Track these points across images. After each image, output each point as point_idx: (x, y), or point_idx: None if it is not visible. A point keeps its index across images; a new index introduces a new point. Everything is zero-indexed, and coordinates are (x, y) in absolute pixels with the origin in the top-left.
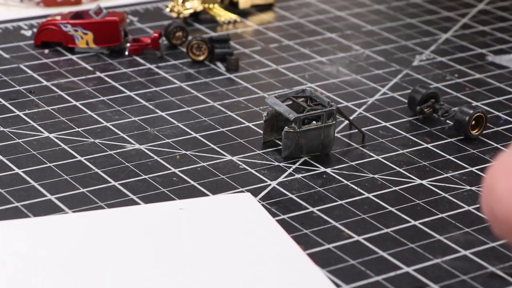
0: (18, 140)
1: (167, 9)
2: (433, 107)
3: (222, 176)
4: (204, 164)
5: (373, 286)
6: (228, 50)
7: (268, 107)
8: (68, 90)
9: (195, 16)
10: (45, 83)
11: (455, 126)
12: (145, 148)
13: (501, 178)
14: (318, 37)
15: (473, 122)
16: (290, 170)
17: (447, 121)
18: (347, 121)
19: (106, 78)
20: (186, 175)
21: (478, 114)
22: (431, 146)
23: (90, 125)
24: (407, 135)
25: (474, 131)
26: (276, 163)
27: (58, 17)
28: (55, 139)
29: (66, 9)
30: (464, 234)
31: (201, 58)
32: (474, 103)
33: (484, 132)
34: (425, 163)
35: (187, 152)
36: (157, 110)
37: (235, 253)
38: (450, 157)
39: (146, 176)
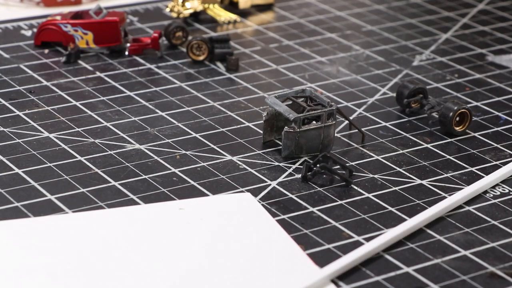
0: (18, 140)
1: (167, 9)
2: (420, 102)
3: (222, 176)
4: (204, 164)
5: (373, 286)
6: (228, 50)
7: (268, 107)
8: (68, 90)
9: (195, 16)
10: (45, 83)
11: (440, 121)
12: (145, 148)
13: None
14: (318, 37)
15: (457, 118)
16: (290, 170)
17: (434, 115)
18: (347, 121)
19: (106, 78)
20: (186, 175)
21: (462, 110)
22: (431, 146)
23: (90, 125)
24: (407, 135)
25: (458, 128)
26: (276, 163)
27: (58, 17)
28: (55, 139)
29: (66, 9)
30: (464, 234)
31: (201, 58)
32: (474, 103)
33: (484, 132)
34: (425, 163)
35: (187, 152)
36: (157, 110)
37: (235, 253)
38: (450, 157)
39: (146, 176)
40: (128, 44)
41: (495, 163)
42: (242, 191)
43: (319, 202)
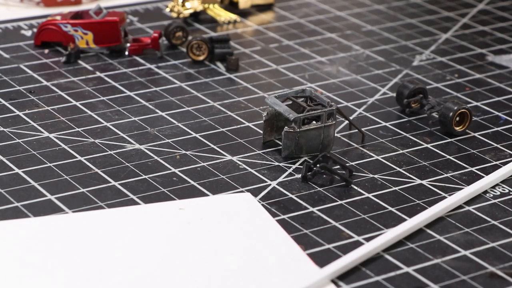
0: (18, 140)
1: (167, 9)
2: (420, 102)
3: (222, 176)
4: (204, 164)
5: (373, 286)
6: (228, 50)
7: (268, 107)
8: (68, 90)
9: (195, 16)
10: (45, 83)
11: (439, 121)
12: (145, 148)
13: None
14: (318, 37)
15: (458, 118)
16: (290, 170)
17: (434, 115)
18: (347, 121)
19: (106, 78)
20: (186, 175)
21: (462, 110)
22: (431, 146)
23: (90, 125)
24: (407, 135)
25: (458, 128)
26: (276, 163)
27: (58, 17)
28: (55, 139)
29: (66, 9)
30: (464, 234)
31: (201, 58)
32: (474, 103)
33: (484, 132)
34: (425, 163)
35: (187, 152)
36: (157, 110)
37: (235, 253)
38: (450, 157)
39: (146, 176)
40: (128, 44)
41: (495, 163)
42: (242, 191)
43: (319, 202)
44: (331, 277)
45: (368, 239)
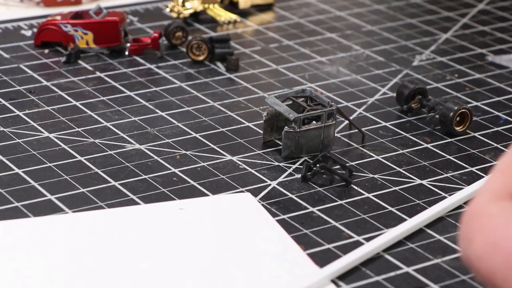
0: (18, 140)
1: (167, 9)
2: (420, 103)
3: (222, 176)
4: (204, 164)
5: (373, 286)
6: (228, 50)
7: (268, 107)
8: (68, 90)
9: (195, 16)
10: (45, 83)
11: (440, 121)
12: (145, 148)
13: (478, 232)
14: (318, 37)
15: (458, 119)
16: (290, 170)
17: (435, 116)
18: (347, 121)
19: (106, 78)
20: (186, 175)
21: (462, 110)
22: (431, 146)
23: (90, 125)
24: (407, 135)
25: (459, 128)
26: (276, 163)
27: (58, 17)
28: (55, 139)
29: (66, 9)
30: None
31: (201, 58)
32: (474, 103)
33: (484, 132)
34: (425, 163)
35: (187, 152)
36: (157, 110)
37: (235, 253)
38: (450, 157)
39: (146, 176)
40: (128, 44)
41: (495, 163)
42: (242, 191)
43: (319, 202)
44: (331, 277)
45: (368, 239)
